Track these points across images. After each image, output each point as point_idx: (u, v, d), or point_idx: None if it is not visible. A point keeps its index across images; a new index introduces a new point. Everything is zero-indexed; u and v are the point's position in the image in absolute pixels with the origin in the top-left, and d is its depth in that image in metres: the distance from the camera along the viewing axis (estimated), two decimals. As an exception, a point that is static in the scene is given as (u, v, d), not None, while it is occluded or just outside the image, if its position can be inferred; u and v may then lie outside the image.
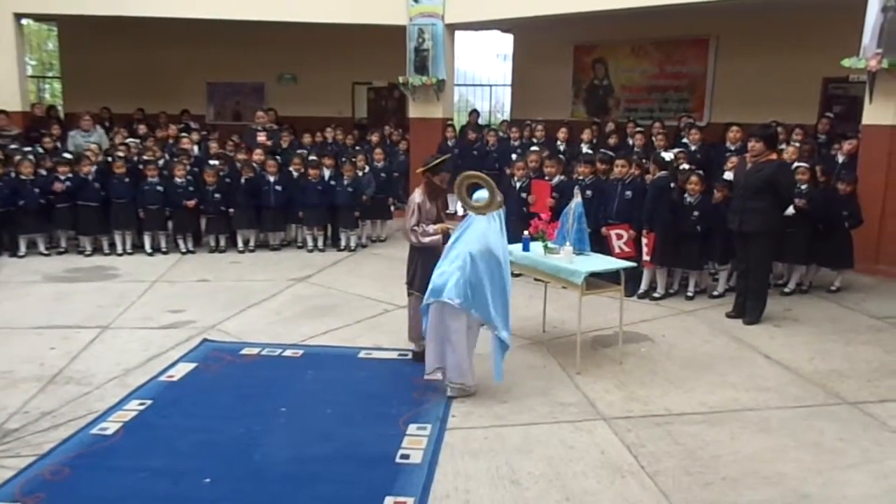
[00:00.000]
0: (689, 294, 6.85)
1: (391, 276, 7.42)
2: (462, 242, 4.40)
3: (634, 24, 10.69)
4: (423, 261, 4.80)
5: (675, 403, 4.58)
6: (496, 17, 10.65)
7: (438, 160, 4.91)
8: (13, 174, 8.27)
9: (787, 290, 6.99)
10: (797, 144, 7.75)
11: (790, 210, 6.46)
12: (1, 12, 10.11)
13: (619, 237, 6.67)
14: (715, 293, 6.89)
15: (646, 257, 6.67)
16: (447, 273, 4.38)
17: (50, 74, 18.44)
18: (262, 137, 9.90)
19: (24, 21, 10.68)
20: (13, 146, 9.02)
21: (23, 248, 8.35)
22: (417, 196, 4.90)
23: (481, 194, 4.44)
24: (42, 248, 8.45)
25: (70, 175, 8.32)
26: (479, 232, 4.36)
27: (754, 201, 5.88)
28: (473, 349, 4.55)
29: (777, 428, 4.28)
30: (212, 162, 8.84)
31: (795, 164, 6.93)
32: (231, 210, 8.62)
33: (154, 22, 10.71)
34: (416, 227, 4.84)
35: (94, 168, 8.42)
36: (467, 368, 4.51)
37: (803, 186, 6.76)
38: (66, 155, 8.73)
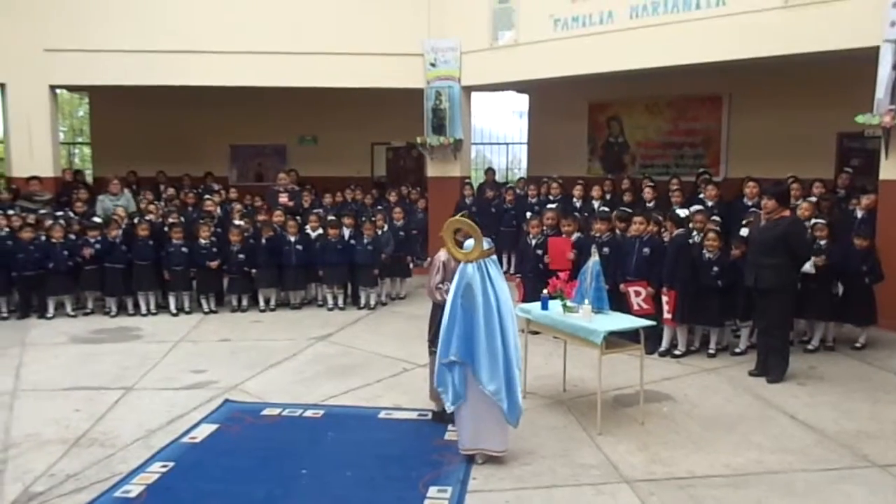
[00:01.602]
0: (711, 351, 6.83)
1: (411, 334, 7.49)
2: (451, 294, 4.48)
3: (648, 83, 10.95)
4: (445, 323, 4.85)
5: (699, 465, 4.55)
6: (512, 80, 10.98)
7: (450, 223, 5.02)
8: (44, 237, 8.56)
9: (810, 347, 6.95)
10: (812, 200, 7.80)
11: (808, 267, 6.48)
12: (38, 84, 10.64)
13: (638, 294, 6.71)
14: (737, 350, 6.87)
15: (667, 315, 6.68)
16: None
17: (79, 140, 19.13)
18: (283, 198, 10.17)
19: (57, 91, 11.20)
20: (44, 211, 9.35)
21: (51, 310, 8.57)
22: (442, 254, 5.01)
23: (469, 242, 4.52)
24: (69, 309, 8.67)
25: (99, 238, 8.59)
26: (463, 280, 4.41)
27: (769, 258, 5.93)
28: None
29: (804, 492, 4.22)
30: (237, 222, 9.11)
31: (813, 220, 6.98)
32: (255, 270, 8.79)
33: (180, 89, 11.17)
34: (440, 286, 4.93)
35: (120, 231, 8.70)
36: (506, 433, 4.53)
37: (822, 242, 6.79)
38: (96, 219, 9.04)
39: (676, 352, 6.83)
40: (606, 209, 8.55)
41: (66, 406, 5.60)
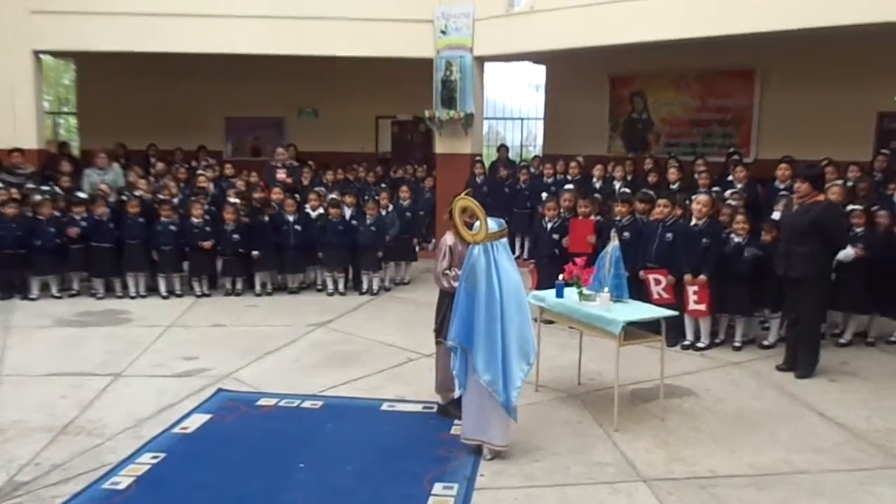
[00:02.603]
0: (737, 344, 6.84)
1: (416, 321, 7.52)
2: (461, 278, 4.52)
3: (674, 55, 10.85)
4: (453, 307, 4.87)
5: (721, 464, 4.57)
6: (527, 50, 10.89)
7: (458, 203, 5.00)
8: (30, 214, 8.61)
9: (842, 340, 6.94)
10: (844, 183, 7.74)
11: (845, 255, 6.46)
12: (20, 49, 10.61)
13: (658, 282, 6.71)
14: (765, 343, 6.88)
15: (697, 306, 6.69)
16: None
17: (65, 110, 19.16)
18: (281, 175, 10.18)
19: (42, 57, 11.20)
20: (29, 185, 9.39)
21: (35, 291, 8.64)
22: (449, 238, 5.01)
23: (476, 225, 4.53)
24: (54, 290, 8.74)
25: (85, 216, 8.64)
26: (469, 264, 4.43)
27: (801, 245, 5.92)
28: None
29: (832, 493, 4.24)
30: (232, 200, 9.13)
31: (850, 206, 6.95)
32: (255, 253, 8.82)
33: (172, 57, 11.15)
34: (447, 271, 4.94)
35: (108, 208, 8.74)
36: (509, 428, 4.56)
37: (858, 230, 6.75)
38: (81, 195, 9.08)
39: (699, 344, 6.84)
40: (627, 191, 8.54)
41: (51, 392, 5.67)
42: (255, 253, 8.84)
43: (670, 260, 6.80)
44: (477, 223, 4.44)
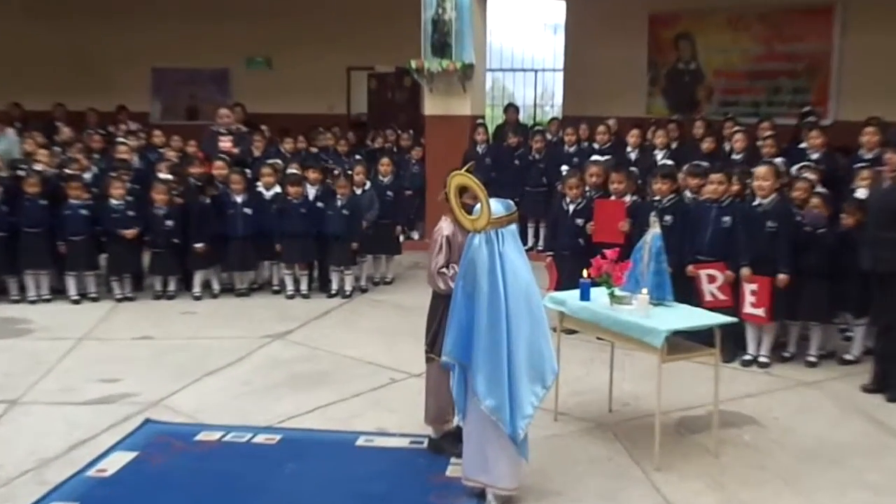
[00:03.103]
0: (812, 359, 6.87)
1: (401, 331, 7.52)
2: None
3: (731, -13, 10.88)
4: (449, 313, 4.86)
5: (792, 512, 4.60)
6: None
7: (453, 181, 4.98)
8: None
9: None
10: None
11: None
12: None
13: (712, 280, 6.72)
14: (847, 357, 6.91)
15: (755, 310, 6.72)
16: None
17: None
18: (225, 143, 10.16)
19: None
20: None
21: None
22: (445, 227, 4.99)
23: (477, 206, 4.49)
24: (-69, 293, 8.72)
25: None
26: (467, 257, 4.42)
27: (893, 232, 5.94)
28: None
29: (933, 548, 4.27)
30: (162, 176, 9.11)
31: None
32: (199, 245, 8.80)
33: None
34: (444, 269, 4.92)
35: None
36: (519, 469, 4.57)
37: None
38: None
39: (763, 359, 6.87)
40: (671, 163, 8.54)
41: (-71, 425, 5.65)
42: (198, 245, 8.82)
43: (728, 251, 6.81)
44: (478, 206, 4.42)
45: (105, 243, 8.86)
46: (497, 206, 4.39)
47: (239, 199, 8.96)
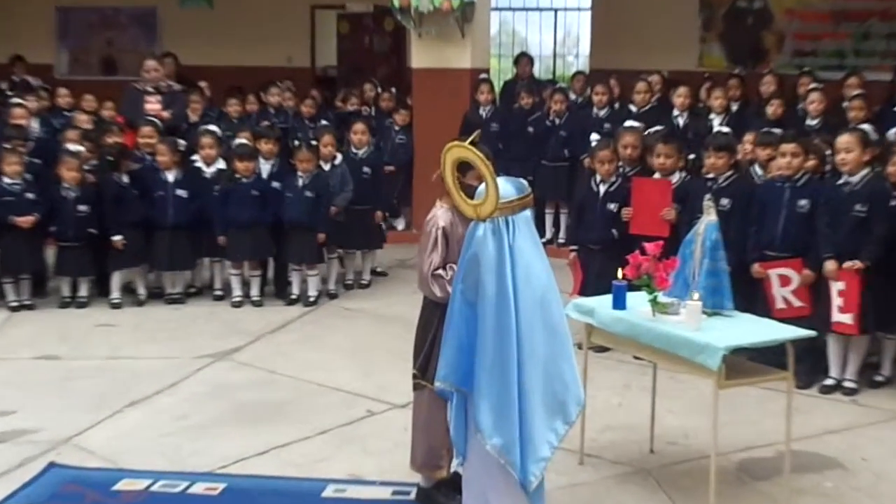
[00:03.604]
0: (913, 384, 6.89)
1: (381, 349, 7.51)
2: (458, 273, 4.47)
3: None
4: (445, 326, 4.83)
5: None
6: None
7: (450, 154, 4.94)
8: None
9: None
10: None
11: None
12: None
13: (786, 281, 6.69)
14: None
15: (841, 317, 6.70)
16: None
17: None
18: (153, 104, 10.13)
19: None
20: None
21: None
22: (441, 215, 4.96)
23: (482, 186, 4.43)
24: None
25: None
26: (469, 253, 4.38)
27: None
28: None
29: None
30: (71, 147, 9.05)
31: None
32: (117, 238, 8.72)
33: None
34: (440, 271, 4.90)
35: None
36: None
37: None
38: None
39: (850, 384, 6.85)
40: (728, 130, 8.52)
41: None
42: (116, 238, 8.77)
43: (806, 244, 6.79)
44: (482, 186, 4.38)
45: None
46: (506, 187, 4.34)
47: (170, 177, 8.92)
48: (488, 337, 4.28)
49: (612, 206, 7.62)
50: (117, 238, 8.76)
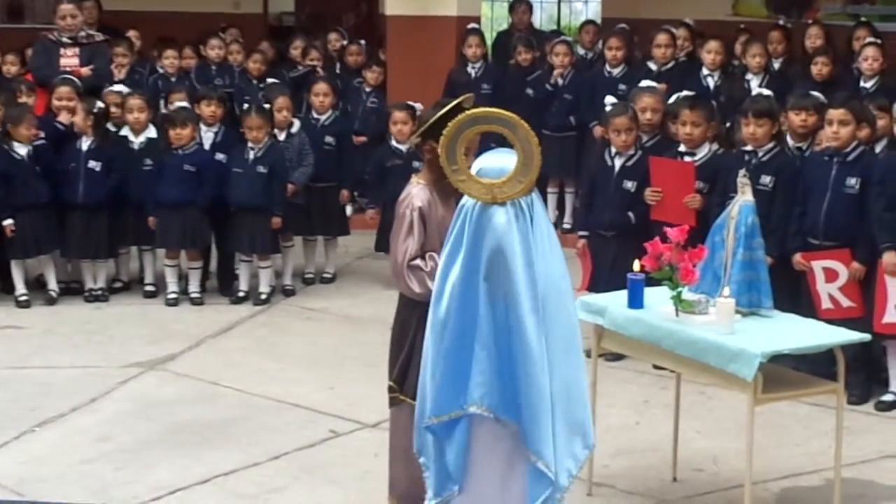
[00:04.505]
0: None
1: (348, 356, 7.57)
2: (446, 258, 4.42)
3: None
4: (428, 329, 4.83)
5: None
6: None
7: (449, 107, 4.96)
8: None
9: None
10: None
11: None
12: None
13: (832, 276, 6.74)
14: None
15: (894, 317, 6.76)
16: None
17: None
18: (70, 59, 10.10)
19: None
20: None
21: None
22: (417, 194, 4.97)
23: (494, 160, 4.41)
24: None
25: None
26: (493, 244, 4.36)
27: None
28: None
29: None
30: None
31: None
32: (7, 222, 8.73)
33: None
34: (415, 262, 4.92)
35: None
36: None
37: None
38: None
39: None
40: (769, 93, 8.55)
41: None
42: (7, 222, 8.77)
43: (855, 231, 6.85)
44: (495, 156, 4.39)
45: None
46: (505, 163, 4.34)
47: (86, 145, 8.95)
48: (531, 343, 4.26)
49: (630, 185, 7.66)
50: (7, 222, 8.75)
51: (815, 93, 7.93)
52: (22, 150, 8.82)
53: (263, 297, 9.09)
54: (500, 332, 4.27)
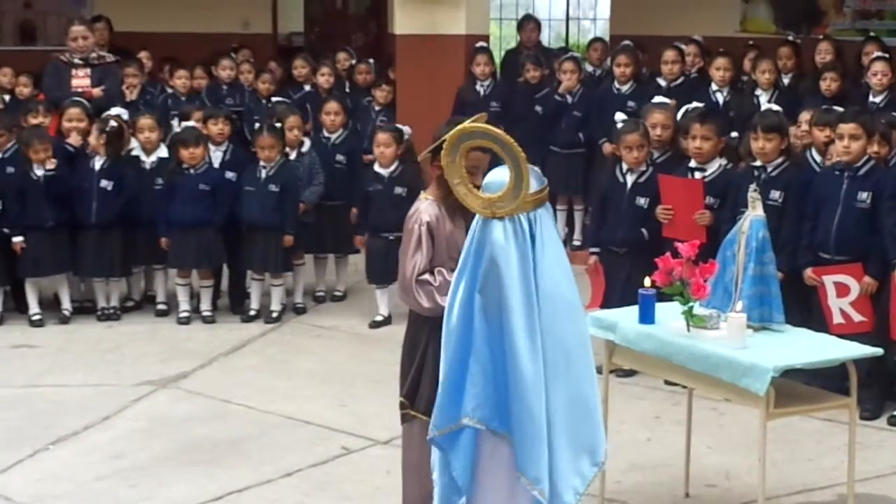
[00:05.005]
0: None
1: (359, 374, 7.56)
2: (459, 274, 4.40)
3: None
4: (437, 348, 4.83)
5: None
6: None
7: (458, 129, 4.94)
8: None
9: None
10: None
11: None
12: None
13: (843, 291, 6.72)
14: None
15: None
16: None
17: None
18: (81, 80, 10.12)
19: None
20: None
21: None
22: (425, 209, 4.98)
23: (498, 175, 4.42)
24: None
25: None
26: (484, 255, 4.35)
27: None
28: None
29: None
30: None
31: None
32: (17, 239, 8.74)
33: None
34: (424, 276, 4.91)
35: None
36: None
37: None
38: None
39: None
40: (778, 108, 8.55)
41: None
42: (17, 239, 8.79)
43: (867, 245, 6.84)
44: (496, 174, 4.40)
45: None
46: (508, 178, 4.35)
47: (96, 165, 8.95)
48: (523, 361, 4.26)
49: (643, 201, 7.66)
50: (17, 239, 8.77)
51: (837, 107, 7.95)
52: (38, 171, 8.82)
53: (275, 315, 9.09)
54: (494, 346, 4.27)
